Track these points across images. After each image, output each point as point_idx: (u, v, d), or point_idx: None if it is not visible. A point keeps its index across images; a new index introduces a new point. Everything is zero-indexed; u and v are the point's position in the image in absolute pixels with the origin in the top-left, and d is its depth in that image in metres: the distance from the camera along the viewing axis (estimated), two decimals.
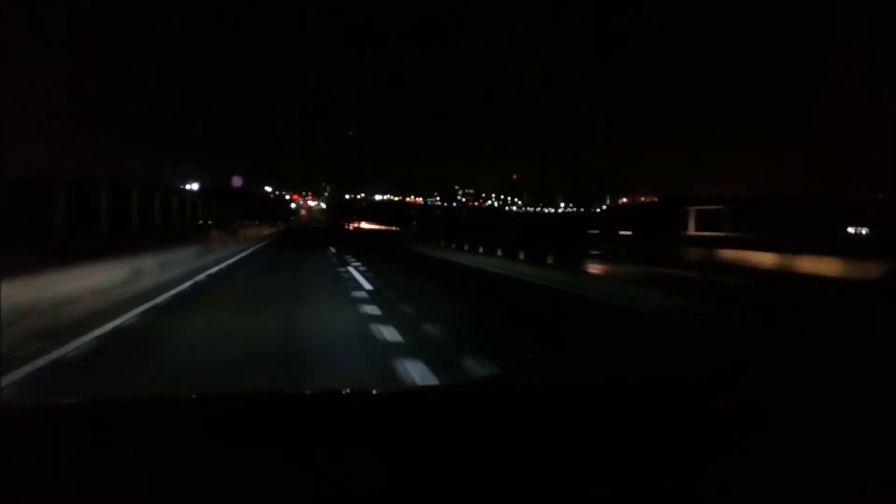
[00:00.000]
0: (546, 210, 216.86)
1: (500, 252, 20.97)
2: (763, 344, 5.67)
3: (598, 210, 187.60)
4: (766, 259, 13.58)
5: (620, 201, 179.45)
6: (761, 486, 1.00)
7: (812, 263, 12.13)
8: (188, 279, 10.96)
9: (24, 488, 0.94)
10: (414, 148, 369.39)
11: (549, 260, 17.04)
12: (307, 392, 2.04)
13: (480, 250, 23.02)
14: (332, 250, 21.64)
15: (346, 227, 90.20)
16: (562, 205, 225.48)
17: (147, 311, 7.38)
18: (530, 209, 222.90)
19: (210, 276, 12.17)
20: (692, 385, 1.72)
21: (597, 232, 25.64)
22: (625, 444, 1.18)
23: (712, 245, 16.12)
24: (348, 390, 1.97)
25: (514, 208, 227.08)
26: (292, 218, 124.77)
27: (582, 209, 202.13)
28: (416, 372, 4.50)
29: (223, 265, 14.76)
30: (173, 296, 8.86)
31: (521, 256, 19.06)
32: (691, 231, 19.40)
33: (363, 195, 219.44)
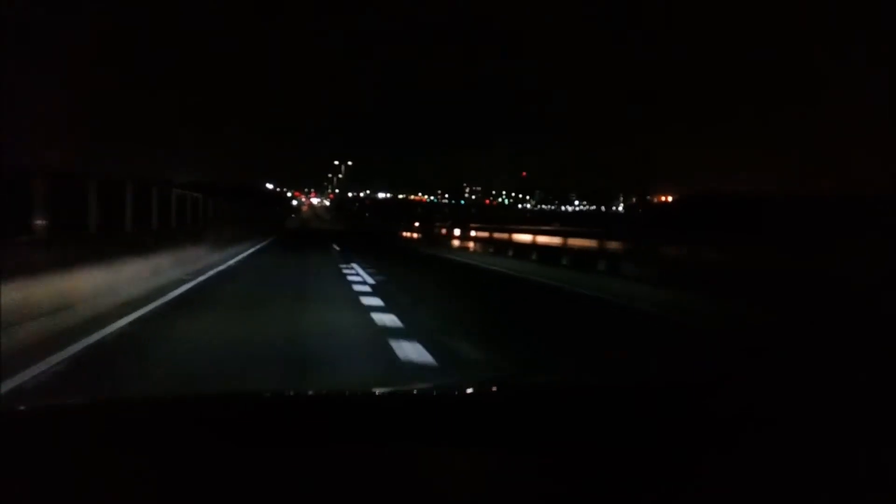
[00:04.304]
0: (564, 208, 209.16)
1: None
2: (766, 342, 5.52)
3: (616, 209, 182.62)
4: None
5: (632, 200, 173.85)
6: (763, 486, 0.99)
7: None
8: None
9: (25, 490, 0.93)
10: (417, 145, 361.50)
11: None
12: (310, 392, 2.01)
13: None
14: None
15: (423, 234, 37.86)
16: (576, 202, 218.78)
17: None
18: (544, 207, 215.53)
19: None
20: (693, 385, 1.72)
21: None
22: (626, 444, 1.16)
23: None
24: (350, 391, 2.06)
25: (528, 206, 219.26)
26: (293, 216, 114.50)
27: (602, 207, 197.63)
28: None
29: None
30: None
31: None
32: None
33: (368, 192, 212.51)
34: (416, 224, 45.40)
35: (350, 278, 11.24)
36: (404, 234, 42.01)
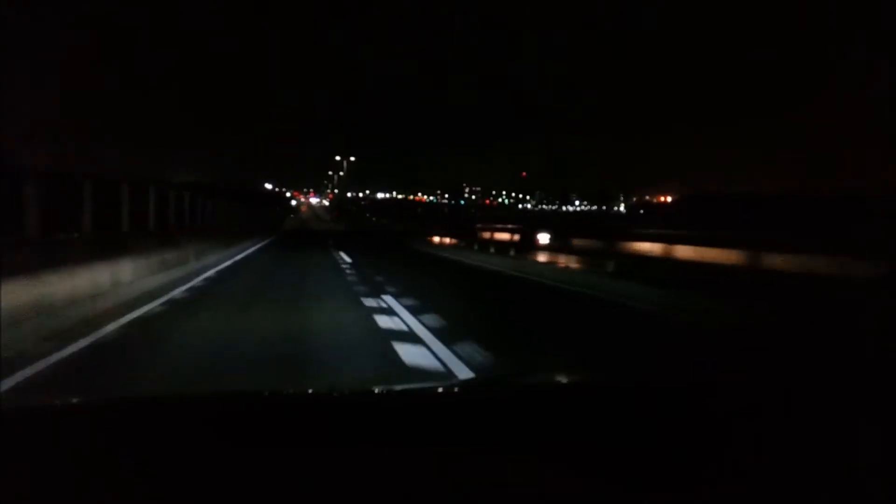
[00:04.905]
0: (565, 208, 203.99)
1: None
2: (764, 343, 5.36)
3: (617, 209, 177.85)
4: None
5: (632, 200, 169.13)
6: (763, 486, 0.99)
7: None
8: None
9: (25, 489, 0.91)
10: (417, 145, 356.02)
11: None
12: (309, 391, 1.98)
13: None
14: None
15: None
16: (577, 202, 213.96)
17: None
18: (545, 207, 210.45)
19: None
20: (694, 385, 1.69)
21: None
22: (627, 443, 1.16)
23: None
24: (350, 390, 2.03)
25: (529, 206, 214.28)
26: (292, 216, 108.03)
27: (604, 207, 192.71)
28: None
29: None
30: None
31: None
32: None
33: (367, 192, 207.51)
34: (454, 226, 36.40)
35: (405, 353, 4.97)
36: (434, 238, 33.22)
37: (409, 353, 4.96)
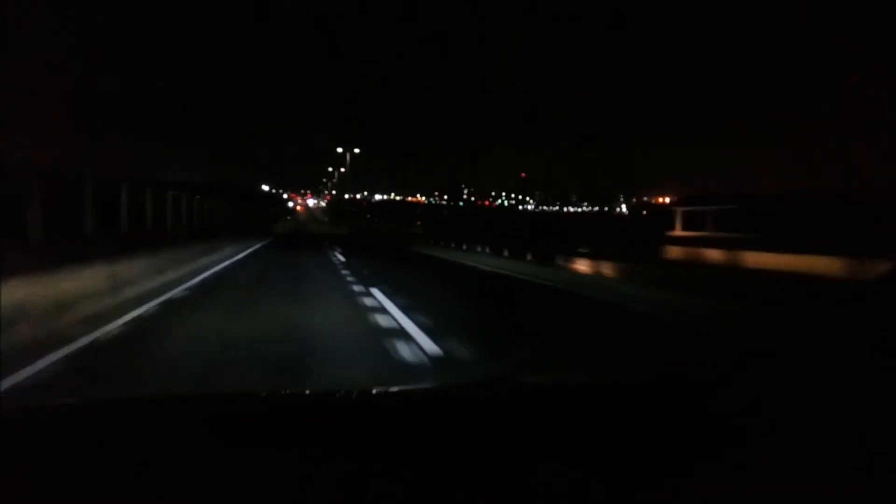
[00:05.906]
0: (567, 209, 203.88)
1: None
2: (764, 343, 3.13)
3: (619, 209, 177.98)
4: None
5: (633, 200, 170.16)
6: (763, 486, 0.98)
7: None
8: None
9: (25, 489, 0.90)
10: (415, 145, 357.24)
11: None
12: (307, 392, 1.94)
13: None
14: None
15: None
16: (577, 203, 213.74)
17: None
18: (545, 208, 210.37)
19: None
20: (694, 384, 1.65)
21: None
22: (627, 443, 1.15)
23: None
24: (349, 390, 2.04)
25: (530, 207, 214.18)
26: (288, 217, 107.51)
27: (606, 208, 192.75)
28: None
29: None
30: None
31: None
32: None
33: (366, 193, 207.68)
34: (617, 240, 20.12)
35: None
36: (579, 265, 17.93)
37: None
